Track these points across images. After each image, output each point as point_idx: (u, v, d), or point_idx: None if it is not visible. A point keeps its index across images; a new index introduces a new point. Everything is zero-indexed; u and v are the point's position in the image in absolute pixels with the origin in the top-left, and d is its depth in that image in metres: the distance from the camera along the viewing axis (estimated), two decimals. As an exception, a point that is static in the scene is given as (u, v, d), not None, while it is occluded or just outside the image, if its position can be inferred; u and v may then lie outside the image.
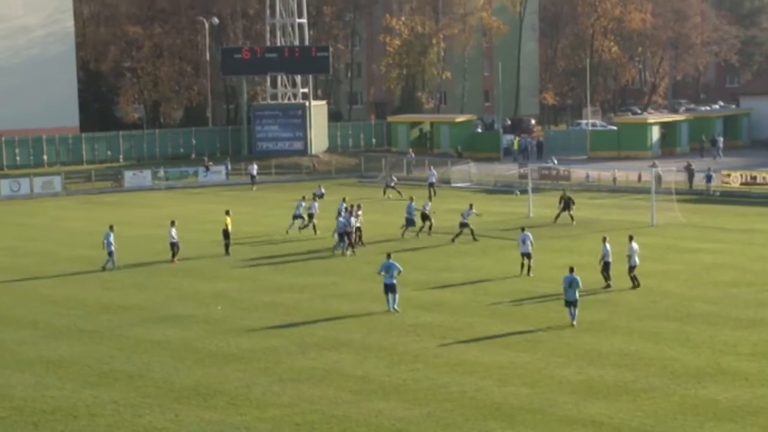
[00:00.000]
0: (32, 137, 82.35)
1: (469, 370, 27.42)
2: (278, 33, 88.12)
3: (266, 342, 30.59)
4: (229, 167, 78.28)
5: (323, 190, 66.82)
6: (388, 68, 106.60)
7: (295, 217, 50.29)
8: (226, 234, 45.41)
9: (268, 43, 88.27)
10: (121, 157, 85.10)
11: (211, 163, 78.68)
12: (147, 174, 75.56)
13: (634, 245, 36.59)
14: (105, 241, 42.15)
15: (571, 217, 51.96)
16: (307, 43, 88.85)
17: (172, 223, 44.05)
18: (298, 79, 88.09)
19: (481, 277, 39.55)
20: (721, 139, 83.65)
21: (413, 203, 49.95)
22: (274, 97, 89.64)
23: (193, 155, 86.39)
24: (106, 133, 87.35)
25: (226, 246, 45.22)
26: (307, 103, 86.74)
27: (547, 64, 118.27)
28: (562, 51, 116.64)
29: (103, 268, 41.92)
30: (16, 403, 25.25)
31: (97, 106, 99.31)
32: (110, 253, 42.03)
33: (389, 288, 33.87)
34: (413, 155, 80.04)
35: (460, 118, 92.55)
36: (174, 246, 43.54)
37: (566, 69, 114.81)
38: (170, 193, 71.39)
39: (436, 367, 27.77)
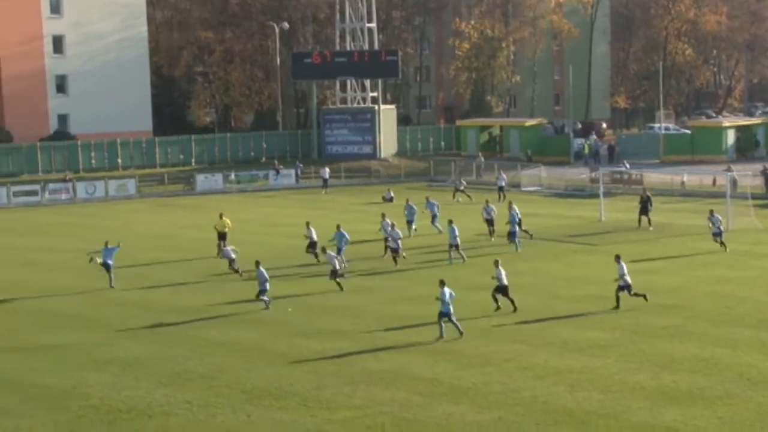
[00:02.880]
0: (107, 141, 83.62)
1: (540, 374, 27.23)
2: (348, 37, 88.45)
3: (336, 344, 30.68)
4: (300, 170, 78.74)
5: (392, 194, 66.93)
6: (458, 72, 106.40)
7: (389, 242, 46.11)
8: (222, 236, 45.27)
9: (337, 48, 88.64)
10: (193, 160, 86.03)
11: (281, 166, 79.22)
12: (218, 177, 76.31)
13: (623, 265, 34.50)
14: (104, 254, 39.47)
15: (649, 221, 51.26)
16: (376, 47, 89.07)
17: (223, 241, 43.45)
18: (368, 83, 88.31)
19: (551, 282, 39.25)
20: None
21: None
22: (344, 101, 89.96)
23: (264, 159, 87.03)
24: (178, 136, 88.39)
25: (219, 246, 44.91)
26: (376, 107, 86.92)
27: (619, 67, 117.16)
28: (634, 54, 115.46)
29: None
30: (93, 401, 25.63)
31: (170, 110, 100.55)
32: (107, 267, 39.37)
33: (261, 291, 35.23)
34: (483, 159, 79.81)
35: (530, 122, 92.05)
36: (233, 262, 41.59)
37: (638, 72, 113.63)
38: (241, 196, 71.98)
39: (507, 371, 27.62)
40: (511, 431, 23.04)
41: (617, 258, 34.75)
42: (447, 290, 30.89)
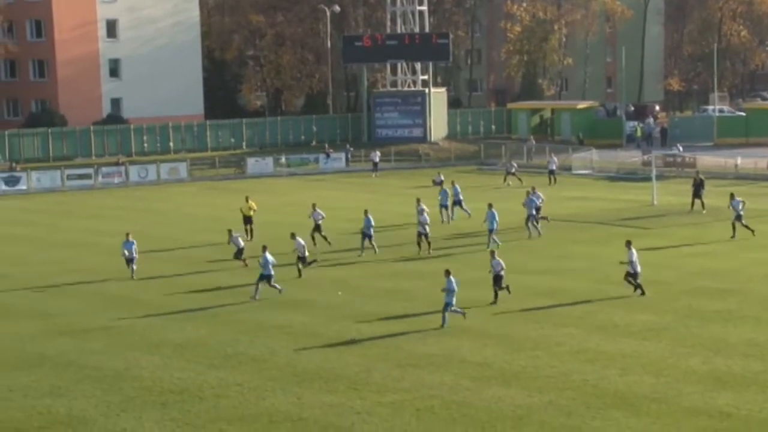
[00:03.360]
0: (159, 125, 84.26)
1: (591, 358, 27.08)
2: (399, 20, 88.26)
3: (385, 328, 30.71)
4: (350, 154, 78.80)
5: (442, 177, 66.75)
6: (509, 55, 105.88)
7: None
8: (247, 219, 45.59)
9: (388, 31, 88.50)
10: (244, 144, 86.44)
11: (331, 150, 79.36)
12: (269, 161, 76.61)
13: (634, 251, 33.56)
14: (126, 249, 38.53)
15: (702, 204, 50.72)
16: (427, 30, 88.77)
17: (230, 232, 40.57)
18: (418, 66, 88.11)
19: (602, 265, 38.96)
20: None
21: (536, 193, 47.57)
22: (394, 84, 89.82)
23: (314, 142, 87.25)
24: (229, 120, 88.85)
25: (249, 231, 45.27)
26: (426, 90, 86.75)
27: (673, 49, 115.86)
28: (688, 35, 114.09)
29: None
30: (146, 383, 25.90)
31: (221, 93, 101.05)
32: (130, 260, 38.46)
33: (267, 278, 34.28)
34: (534, 142, 79.34)
35: (582, 105, 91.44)
36: (240, 252, 39.69)
37: (692, 54, 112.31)
38: (291, 180, 72.24)
39: (557, 354, 27.50)
40: (561, 415, 22.94)
41: (628, 244, 33.85)
42: (453, 280, 30.50)
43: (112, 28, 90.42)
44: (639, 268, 33.55)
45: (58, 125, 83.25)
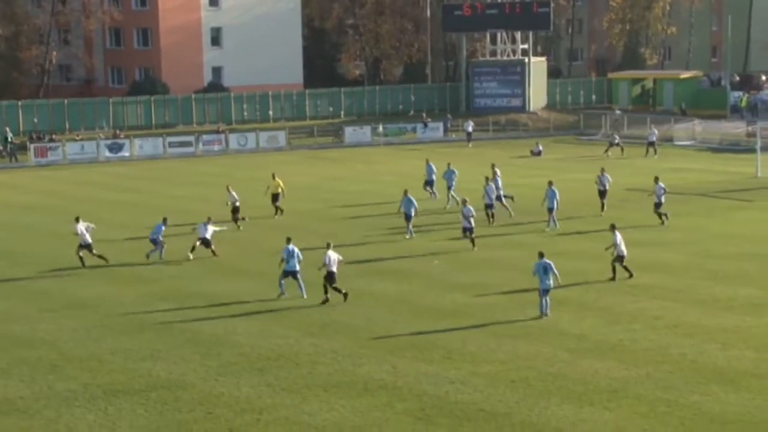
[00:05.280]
0: (259, 93, 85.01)
1: (690, 332, 26.67)
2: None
3: (481, 298, 30.66)
4: (450, 123, 78.46)
5: (540, 148, 66.21)
6: (611, 24, 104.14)
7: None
8: (275, 197, 44.81)
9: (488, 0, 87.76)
10: (342, 112, 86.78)
11: (429, 119, 79.17)
12: (366, 130, 76.78)
13: (618, 234, 31.90)
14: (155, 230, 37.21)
15: None
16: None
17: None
18: (518, 35, 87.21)
19: (703, 238, 38.27)
20: None
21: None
22: (493, 53, 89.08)
23: (412, 112, 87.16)
24: (328, 89, 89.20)
25: (277, 208, 44.47)
26: (526, 60, 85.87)
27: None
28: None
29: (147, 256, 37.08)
30: (243, 349, 26.29)
31: (320, 62, 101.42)
32: (154, 242, 37.03)
33: (292, 274, 31.01)
34: (618, 113, 77.93)
35: (685, 75, 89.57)
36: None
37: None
38: (389, 149, 72.32)
39: (655, 328, 27.15)
40: (658, 388, 22.66)
41: (612, 227, 32.31)
42: (548, 262, 28.52)
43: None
44: (625, 251, 32.01)
45: (161, 93, 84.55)
